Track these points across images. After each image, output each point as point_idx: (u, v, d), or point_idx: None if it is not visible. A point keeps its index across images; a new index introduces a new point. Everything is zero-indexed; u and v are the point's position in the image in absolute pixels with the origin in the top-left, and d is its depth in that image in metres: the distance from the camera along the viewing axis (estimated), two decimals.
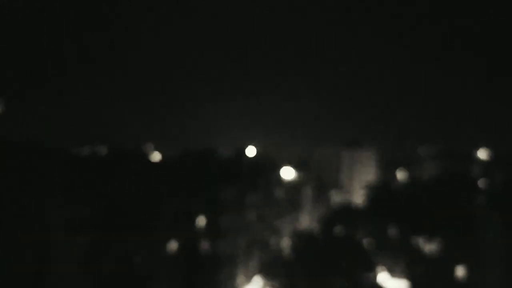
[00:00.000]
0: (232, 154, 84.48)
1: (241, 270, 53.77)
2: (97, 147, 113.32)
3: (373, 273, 49.43)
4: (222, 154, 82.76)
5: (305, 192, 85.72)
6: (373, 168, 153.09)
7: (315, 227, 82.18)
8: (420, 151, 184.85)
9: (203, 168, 52.16)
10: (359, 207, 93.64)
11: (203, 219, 44.54)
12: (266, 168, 70.18)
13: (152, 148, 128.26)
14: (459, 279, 48.71)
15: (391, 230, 65.62)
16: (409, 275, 53.30)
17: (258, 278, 57.33)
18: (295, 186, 78.48)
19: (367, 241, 69.32)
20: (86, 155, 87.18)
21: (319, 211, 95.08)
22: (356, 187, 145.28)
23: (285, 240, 71.21)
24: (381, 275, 54.30)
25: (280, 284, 49.67)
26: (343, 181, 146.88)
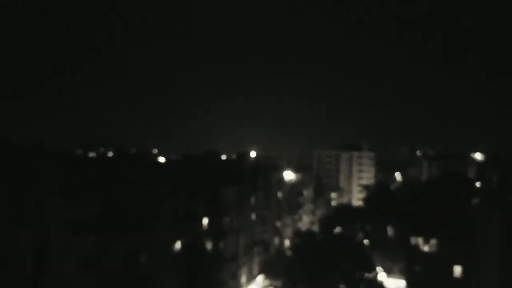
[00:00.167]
0: (234, 155, 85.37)
1: (243, 270, 54.42)
2: (100, 148, 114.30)
3: (372, 273, 49.97)
4: (224, 155, 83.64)
5: (305, 193, 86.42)
6: (372, 169, 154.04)
7: (315, 228, 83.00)
8: (418, 153, 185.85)
9: (205, 169, 52.56)
10: (359, 208, 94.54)
11: (206, 220, 44.95)
12: (267, 169, 70.82)
13: (155, 149, 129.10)
14: (457, 278, 49.45)
15: (390, 230, 66.49)
16: (408, 274, 53.97)
17: (260, 278, 58.06)
18: (296, 187, 79.16)
19: (367, 241, 70.17)
20: (89, 156, 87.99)
21: (319, 212, 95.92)
22: (356, 188, 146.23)
23: (286, 240, 72.02)
24: (380, 274, 54.98)
25: (282, 284, 50.32)
26: (343, 182, 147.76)
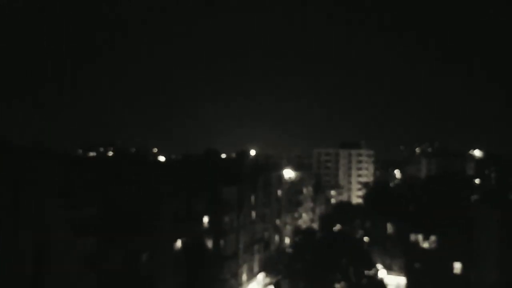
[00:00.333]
0: (233, 155, 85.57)
1: (244, 268, 54.66)
2: (100, 148, 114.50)
3: (372, 270, 50.22)
4: (224, 155, 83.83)
5: (305, 191, 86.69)
6: (371, 167, 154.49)
7: (315, 225, 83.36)
8: (417, 150, 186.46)
9: (205, 168, 52.71)
10: (358, 205, 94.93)
11: (206, 218, 45.12)
12: (267, 168, 71.04)
13: (154, 149, 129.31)
14: (457, 275, 49.75)
15: (389, 227, 66.77)
16: (407, 271, 54.25)
17: (261, 276, 58.32)
18: (295, 185, 79.40)
19: (366, 238, 70.51)
20: (89, 156, 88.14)
21: (319, 210, 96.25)
22: (355, 186, 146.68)
23: (286, 238, 72.31)
24: (380, 271, 55.24)
25: (282, 281, 50.59)
26: (342, 180, 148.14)
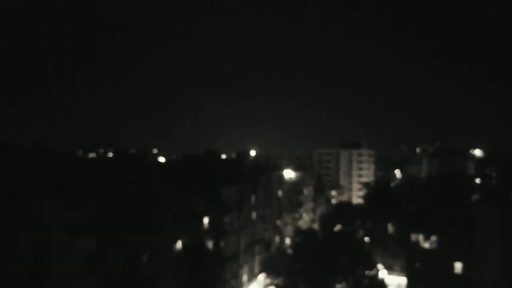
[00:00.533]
0: (234, 155, 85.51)
1: (245, 269, 54.58)
2: (100, 149, 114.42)
3: (373, 270, 50.11)
4: (224, 155, 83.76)
5: (306, 191, 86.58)
6: (372, 167, 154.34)
7: (316, 226, 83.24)
8: (418, 150, 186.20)
9: (205, 169, 52.65)
10: (359, 205, 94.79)
11: (206, 219, 45.07)
12: (267, 168, 70.95)
13: (154, 150, 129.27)
14: (458, 275, 49.63)
15: (390, 227, 66.68)
16: (408, 271, 54.12)
17: (262, 276, 58.23)
18: (296, 186, 79.31)
19: (367, 238, 70.39)
20: (89, 157, 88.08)
21: (320, 210, 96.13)
22: (355, 186, 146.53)
23: (287, 239, 72.21)
24: (381, 272, 55.11)
25: (283, 282, 50.45)
26: (343, 180, 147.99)
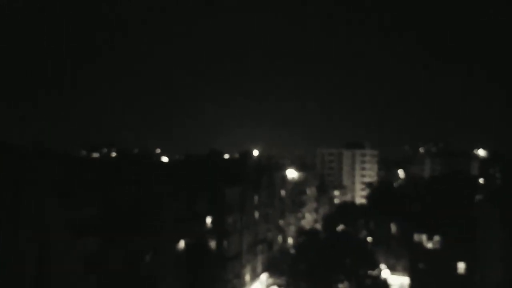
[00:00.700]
0: (236, 155, 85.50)
1: (247, 268, 54.59)
2: (103, 149, 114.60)
3: (376, 270, 50.03)
4: (226, 155, 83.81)
5: (308, 191, 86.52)
6: (375, 167, 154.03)
7: (319, 226, 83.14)
8: (421, 150, 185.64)
9: (208, 169, 52.65)
10: (362, 205, 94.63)
11: (209, 219, 45.10)
12: (270, 168, 70.95)
13: (157, 149, 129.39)
14: (461, 275, 49.50)
15: (393, 228, 66.54)
16: (411, 271, 54.01)
17: (264, 276, 58.23)
18: (299, 186, 79.27)
19: (370, 238, 70.27)
20: (92, 157, 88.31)
21: (322, 210, 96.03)
22: (358, 186, 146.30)
23: (290, 239, 72.18)
24: (384, 272, 55.02)
25: (286, 282, 50.46)
26: (346, 180, 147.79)
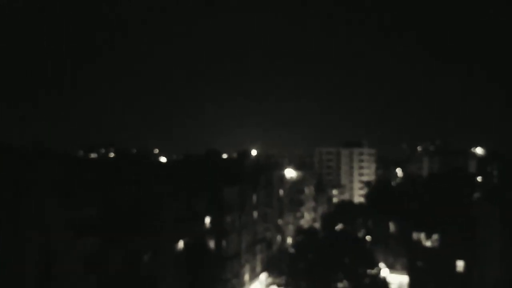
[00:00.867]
0: (235, 154, 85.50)
1: (246, 268, 54.61)
2: (101, 149, 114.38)
3: (375, 268, 50.07)
4: (225, 154, 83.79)
5: (307, 190, 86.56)
6: (373, 166, 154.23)
7: (317, 225, 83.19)
8: (419, 148, 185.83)
9: (206, 169, 52.67)
10: (360, 204, 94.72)
11: (208, 219, 45.11)
12: (268, 168, 70.96)
13: (155, 149, 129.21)
14: (460, 273, 49.58)
15: (392, 226, 66.63)
16: (410, 270, 54.08)
17: (263, 275, 58.26)
18: (297, 185, 79.30)
19: (369, 237, 70.35)
20: (91, 157, 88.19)
21: (321, 209, 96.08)
22: (357, 185, 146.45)
23: (288, 238, 72.21)
24: (383, 270, 55.07)
25: (285, 281, 50.46)
26: (344, 179, 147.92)
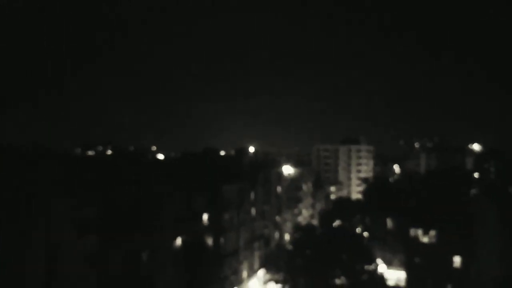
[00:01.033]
0: (232, 152, 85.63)
1: (245, 265, 54.78)
2: (99, 147, 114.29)
3: (372, 265, 50.31)
4: (222, 152, 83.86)
5: (305, 187, 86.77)
6: (371, 163, 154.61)
7: (315, 221, 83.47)
8: (416, 145, 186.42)
9: (204, 166, 52.72)
10: (358, 201, 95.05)
11: (206, 216, 45.19)
12: (266, 165, 71.06)
13: (153, 147, 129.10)
14: (457, 269, 49.88)
15: (389, 223, 66.90)
16: (408, 266, 54.37)
17: (261, 272, 58.48)
18: (295, 182, 79.48)
19: (366, 234, 70.64)
20: (88, 156, 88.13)
21: (319, 206, 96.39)
22: (354, 181, 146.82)
23: (286, 235, 72.44)
24: (380, 266, 55.35)
25: (283, 277, 50.68)
26: (341, 176, 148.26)
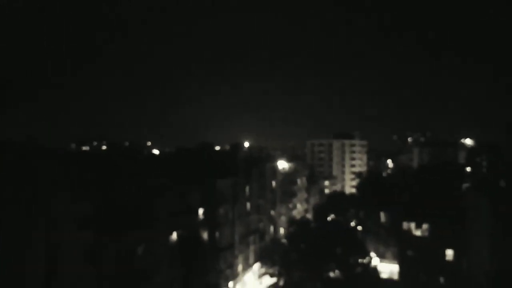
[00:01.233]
0: (227, 147, 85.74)
1: (240, 259, 55.17)
2: (93, 142, 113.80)
3: (366, 258, 50.85)
4: (217, 147, 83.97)
5: (299, 182, 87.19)
6: (364, 157, 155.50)
7: (310, 215, 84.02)
8: (409, 140, 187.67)
9: (199, 161, 52.82)
10: (351, 195, 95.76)
11: (201, 211, 45.40)
12: (261, 159, 71.32)
13: (148, 142, 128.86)
14: (449, 261, 50.63)
15: (383, 216, 67.59)
16: (401, 259, 55.04)
17: (256, 266, 58.92)
18: (289, 176, 79.87)
19: (360, 227, 71.32)
20: (83, 151, 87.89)
21: (313, 200, 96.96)
22: (348, 176, 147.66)
23: (281, 229, 72.91)
24: (374, 259, 55.98)
25: (278, 271, 51.08)
26: (335, 170, 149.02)
